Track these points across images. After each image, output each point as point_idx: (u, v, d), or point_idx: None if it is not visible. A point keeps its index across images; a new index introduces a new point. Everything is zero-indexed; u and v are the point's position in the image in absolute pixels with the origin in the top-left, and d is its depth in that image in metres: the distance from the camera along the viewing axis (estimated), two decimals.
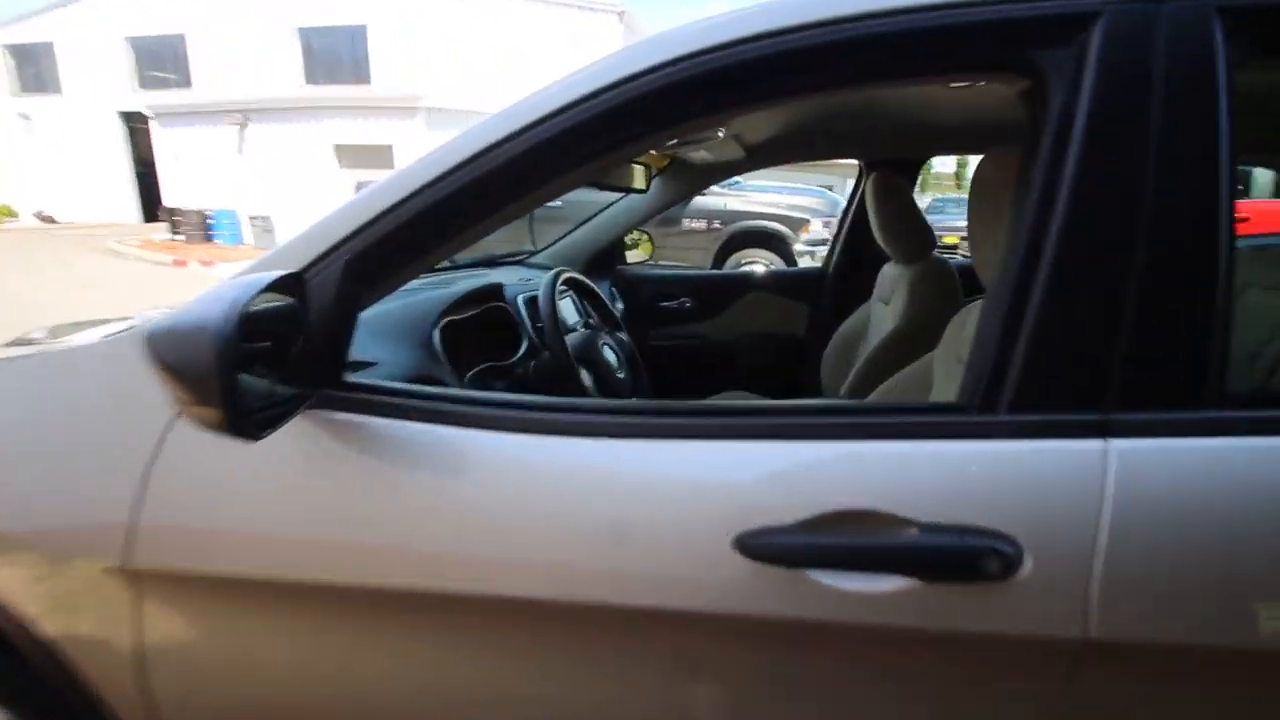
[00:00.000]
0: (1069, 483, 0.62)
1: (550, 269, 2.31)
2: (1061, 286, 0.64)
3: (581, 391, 1.23)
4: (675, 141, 1.53)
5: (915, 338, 1.57)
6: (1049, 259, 0.64)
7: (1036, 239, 0.65)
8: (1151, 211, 0.62)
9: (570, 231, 2.29)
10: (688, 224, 6.60)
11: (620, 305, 2.30)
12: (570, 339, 1.30)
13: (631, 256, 2.49)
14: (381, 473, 0.72)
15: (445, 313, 1.22)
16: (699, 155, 1.82)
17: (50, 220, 18.60)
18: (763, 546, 0.64)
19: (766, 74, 0.69)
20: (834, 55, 0.69)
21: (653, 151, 1.83)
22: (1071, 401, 0.64)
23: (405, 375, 1.02)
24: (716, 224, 6.55)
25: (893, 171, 1.76)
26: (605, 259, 2.32)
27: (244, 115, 13.65)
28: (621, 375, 1.34)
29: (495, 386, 1.18)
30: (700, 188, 2.10)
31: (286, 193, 12.66)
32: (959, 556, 0.62)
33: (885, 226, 1.71)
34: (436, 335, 1.17)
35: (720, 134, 1.42)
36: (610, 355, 1.38)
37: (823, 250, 6.77)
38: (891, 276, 1.78)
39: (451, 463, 0.72)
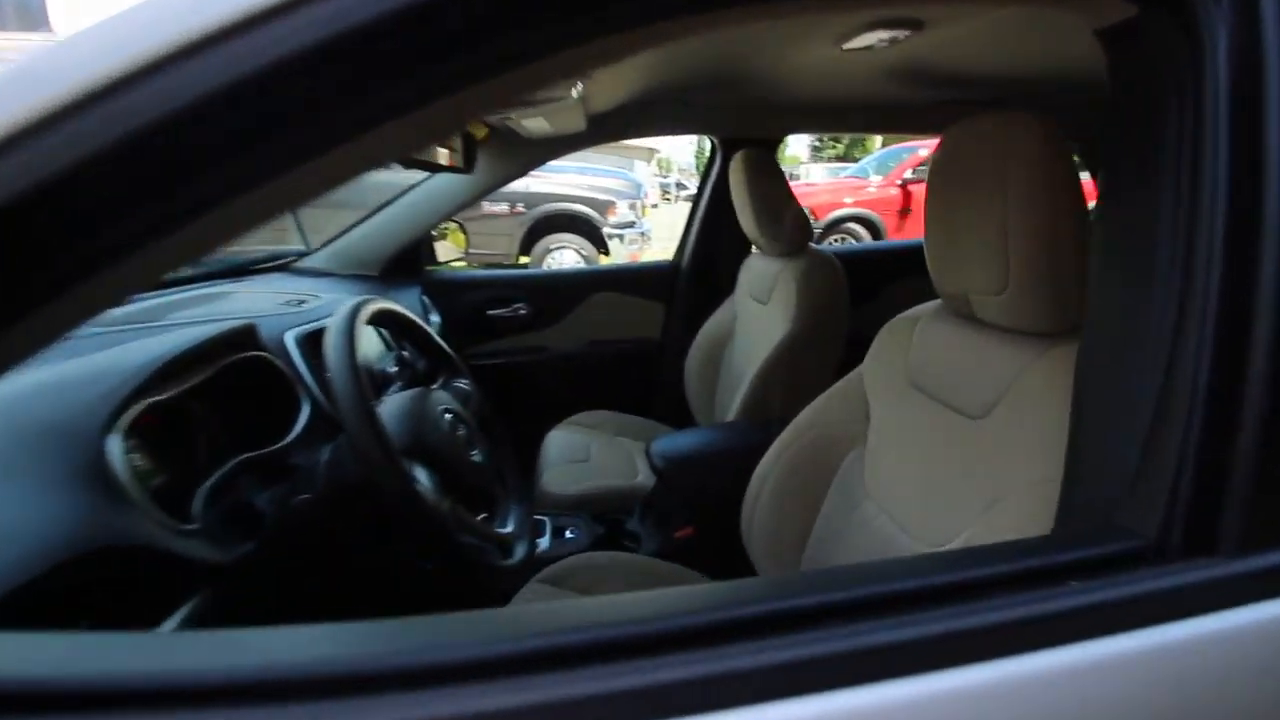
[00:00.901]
0: None
1: (333, 275, 1.74)
2: None
3: (411, 503, 0.72)
4: (509, 105, 1.12)
5: (813, 343, 1.36)
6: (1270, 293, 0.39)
7: (1241, 271, 0.39)
8: None
9: (359, 222, 1.73)
10: (488, 208, 6.01)
11: (435, 318, 1.80)
12: (389, 406, 0.82)
13: (441, 253, 1.99)
14: None
15: (136, 394, 0.66)
16: (534, 125, 1.41)
17: None
18: None
19: None
20: None
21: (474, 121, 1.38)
22: None
23: (27, 560, 0.49)
24: (519, 207, 6.06)
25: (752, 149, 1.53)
26: (409, 259, 1.80)
27: None
28: (477, 457, 0.85)
29: (254, 510, 0.67)
30: (531, 166, 1.69)
31: None
32: None
33: (760, 213, 1.47)
34: (113, 445, 0.62)
35: (574, 92, 1.04)
36: (457, 426, 0.84)
37: (631, 233, 6.71)
38: (766, 272, 1.56)
39: None
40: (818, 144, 19.01)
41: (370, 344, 1.10)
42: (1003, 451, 0.73)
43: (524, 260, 5.97)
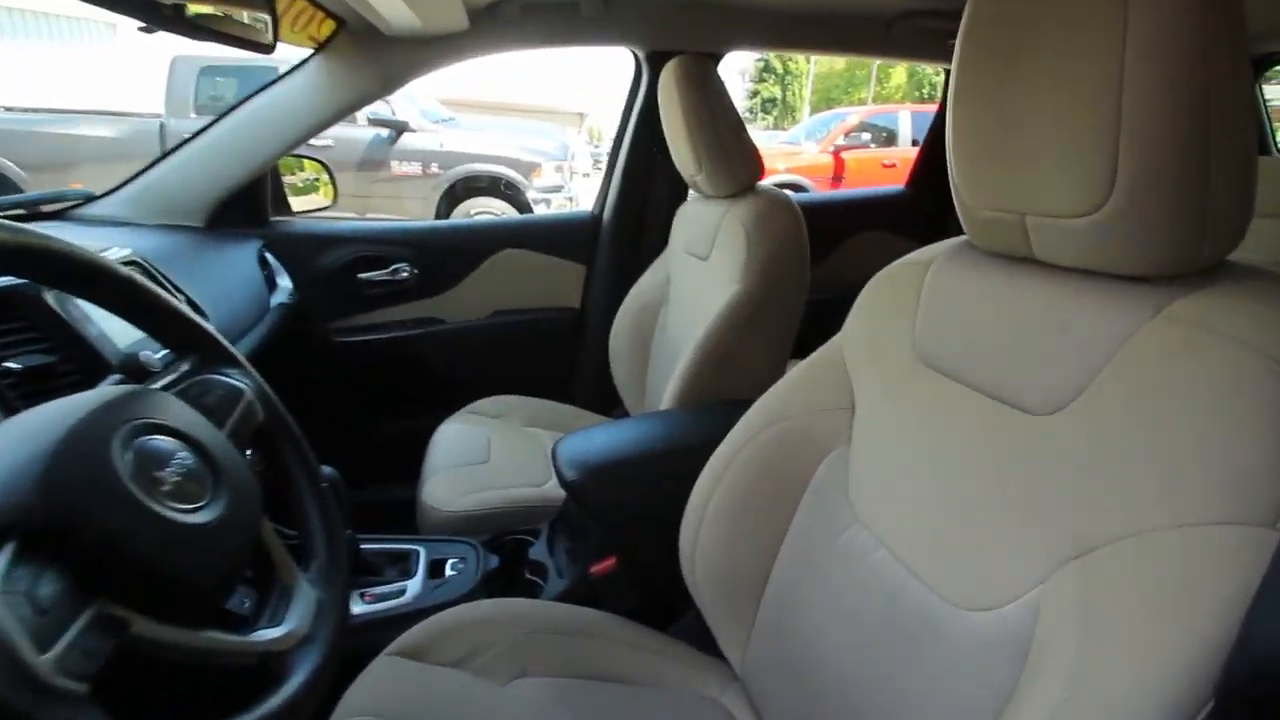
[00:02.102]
0: None
1: (135, 225, 1.30)
2: None
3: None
4: None
5: (767, 307, 1.05)
6: None
7: None
8: None
9: (166, 156, 1.29)
10: (398, 167, 5.42)
11: (285, 282, 1.39)
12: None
13: (300, 205, 1.57)
14: None
15: None
16: (398, 17, 1.02)
17: None
18: None
19: None
20: None
21: None
22: None
23: None
24: (434, 167, 5.48)
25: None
26: (247, 205, 1.37)
27: None
28: (206, 514, 0.43)
29: None
30: (395, 82, 1.28)
31: None
32: None
33: (699, 141, 1.14)
34: None
35: None
36: (161, 461, 0.43)
37: (559, 198, 6.23)
38: (706, 220, 1.24)
39: None
40: (749, 115, 18.87)
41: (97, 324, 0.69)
42: (1094, 471, 0.45)
43: None
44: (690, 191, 1.42)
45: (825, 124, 7.88)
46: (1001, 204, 0.51)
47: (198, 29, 0.73)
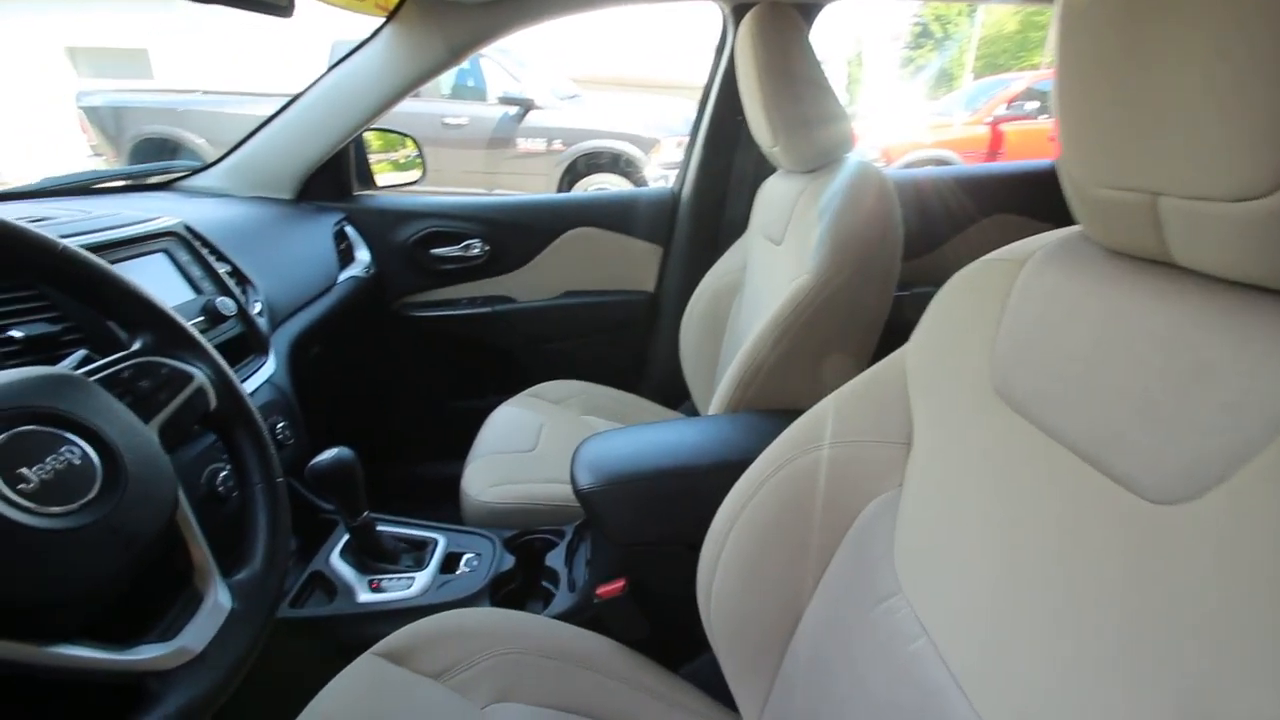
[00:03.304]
0: None
1: (231, 197, 1.37)
2: None
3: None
4: None
5: (841, 297, 0.89)
6: None
7: None
8: None
9: (259, 129, 1.35)
10: (523, 144, 5.56)
11: (364, 255, 1.42)
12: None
13: (387, 181, 1.59)
14: None
15: None
16: None
17: None
18: None
19: None
20: None
21: None
22: None
23: None
24: (557, 144, 5.56)
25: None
26: (330, 179, 1.41)
27: None
28: (73, 516, 0.39)
29: None
30: (466, 48, 1.23)
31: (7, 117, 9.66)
32: None
33: (772, 107, 0.99)
34: None
35: None
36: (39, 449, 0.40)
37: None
38: (781, 198, 1.08)
39: None
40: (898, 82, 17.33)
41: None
42: (1234, 605, 0.28)
43: None
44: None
45: (986, 92, 7.01)
46: (1125, 179, 0.35)
47: None
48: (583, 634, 0.76)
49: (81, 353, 0.56)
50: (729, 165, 1.41)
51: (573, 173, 5.64)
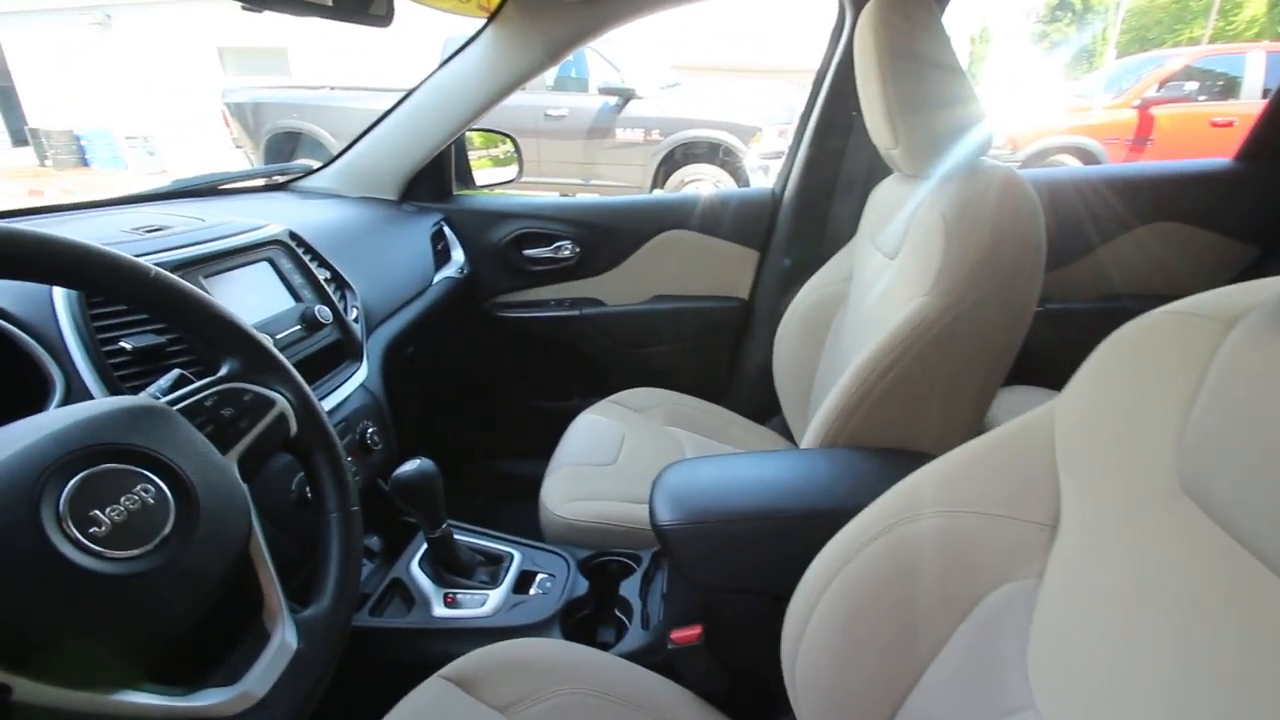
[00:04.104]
0: None
1: (341, 197, 1.42)
2: None
3: None
4: None
5: (968, 323, 0.78)
6: None
7: None
8: None
9: (368, 131, 1.38)
10: (622, 135, 5.55)
11: (459, 255, 1.43)
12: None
13: (486, 178, 1.60)
14: None
15: None
16: None
17: None
18: None
19: None
20: None
21: None
22: None
23: None
24: (655, 134, 5.50)
25: None
26: (431, 180, 1.43)
27: (105, 12, 11.51)
28: (142, 560, 0.38)
29: None
30: (562, 51, 1.19)
31: (166, 106, 10.86)
32: None
33: (894, 105, 0.88)
34: None
35: None
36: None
37: (779, 164, 5.86)
38: (898, 205, 0.97)
39: None
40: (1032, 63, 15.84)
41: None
42: None
43: None
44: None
45: (1134, 71, 6.23)
46: None
47: (303, 5, 0.71)
48: (653, 680, 0.71)
49: (176, 373, 0.56)
50: (838, 166, 1.29)
51: (669, 162, 5.57)
